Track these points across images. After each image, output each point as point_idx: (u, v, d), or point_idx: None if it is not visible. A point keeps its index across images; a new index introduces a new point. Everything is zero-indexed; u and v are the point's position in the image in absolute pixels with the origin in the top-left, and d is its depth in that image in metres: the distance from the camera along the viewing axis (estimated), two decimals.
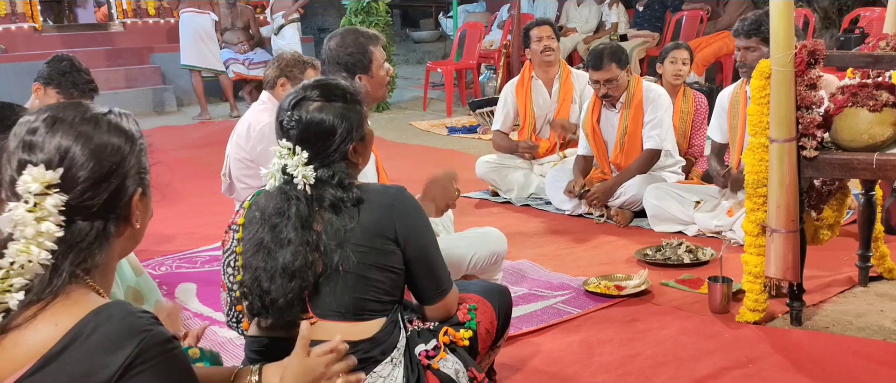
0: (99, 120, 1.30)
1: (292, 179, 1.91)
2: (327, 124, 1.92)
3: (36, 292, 1.20)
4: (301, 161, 1.90)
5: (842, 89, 2.84)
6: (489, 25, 10.66)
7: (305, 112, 1.92)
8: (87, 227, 1.25)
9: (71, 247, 1.24)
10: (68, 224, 1.23)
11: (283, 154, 1.92)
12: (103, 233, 1.27)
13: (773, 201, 2.81)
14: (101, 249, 1.27)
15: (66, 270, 1.22)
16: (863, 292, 3.29)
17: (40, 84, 3.65)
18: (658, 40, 9.04)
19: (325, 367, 1.58)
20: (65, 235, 1.23)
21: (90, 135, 1.27)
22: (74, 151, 1.25)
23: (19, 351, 1.17)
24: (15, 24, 10.15)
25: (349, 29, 3.04)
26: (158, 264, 4.11)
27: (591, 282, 3.46)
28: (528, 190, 5.12)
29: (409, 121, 8.71)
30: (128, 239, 1.35)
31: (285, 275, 1.88)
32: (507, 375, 2.68)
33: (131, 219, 1.32)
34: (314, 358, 1.58)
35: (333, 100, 1.95)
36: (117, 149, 1.29)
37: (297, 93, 1.97)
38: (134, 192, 1.31)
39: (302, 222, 1.89)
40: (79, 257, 1.24)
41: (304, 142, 1.91)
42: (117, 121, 1.32)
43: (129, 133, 1.32)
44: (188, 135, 8.46)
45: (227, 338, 3.09)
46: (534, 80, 5.29)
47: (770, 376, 2.62)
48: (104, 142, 1.28)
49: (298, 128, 1.92)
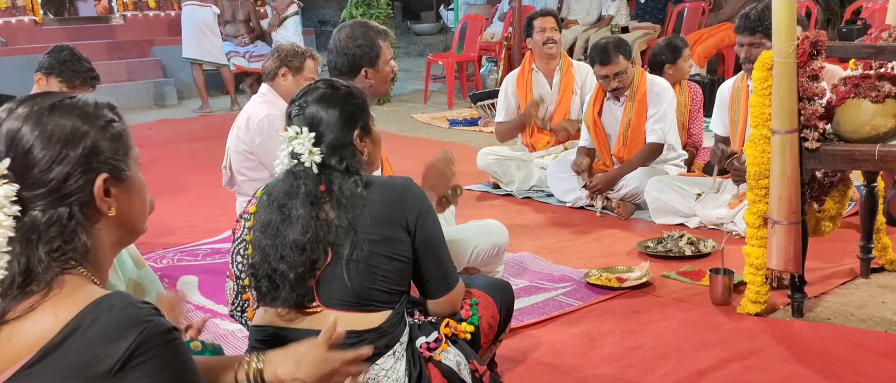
0: (55, 104, 1.27)
1: (300, 159, 1.96)
2: (330, 109, 2.00)
3: (19, 285, 1.19)
4: (308, 139, 1.96)
5: (844, 80, 2.83)
6: (490, 18, 10.63)
7: (310, 99, 2.01)
8: (49, 215, 1.22)
9: (38, 236, 1.21)
10: (24, 212, 1.21)
11: (290, 137, 1.98)
12: (69, 219, 1.24)
13: (774, 193, 2.81)
14: (74, 236, 1.24)
15: (43, 260, 1.21)
16: (864, 284, 3.29)
17: (42, 74, 3.65)
18: (659, 32, 9.01)
19: (342, 364, 1.61)
20: (26, 223, 1.21)
21: (41, 119, 1.24)
22: (24, 136, 1.23)
23: (19, 343, 1.17)
24: (15, 18, 10.14)
25: (360, 22, 3.04)
26: (160, 257, 4.12)
27: (593, 275, 3.46)
28: (530, 182, 5.11)
29: (411, 114, 8.70)
30: (114, 228, 1.32)
31: (296, 248, 1.91)
32: (508, 367, 2.68)
33: (99, 205, 1.27)
34: (335, 353, 1.60)
35: (337, 90, 2.04)
36: (73, 131, 1.25)
37: (304, 88, 2.07)
38: (97, 176, 1.26)
39: (311, 199, 1.93)
40: (51, 246, 1.22)
41: (310, 127, 1.98)
42: (75, 103, 1.28)
43: (90, 114, 1.28)
44: (189, 129, 8.45)
45: (228, 331, 3.09)
46: (534, 72, 5.28)
47: (771, 367, 2.62)
48: (56, 124, 1.24)
49: (304, 113, 2.00)
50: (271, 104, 3.65)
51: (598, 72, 4.53)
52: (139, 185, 1.37)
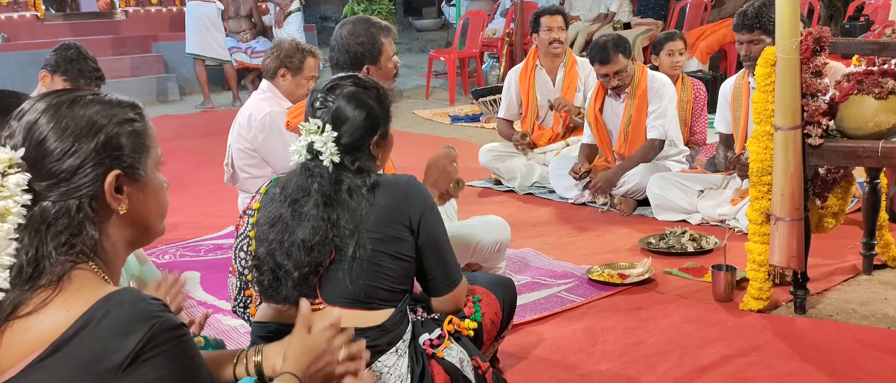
0: (77, 99, 1.28)
1: (318, 156, 1.95)
2: (358, 110, 1.99)
3: (28, 277, 1.20)
4: (330, 137, 1.95)
5: (847, 77, 2.83)
6: (492, 14, 10.62)
7: (339, 96, 2.00)
8: (58, 206, 1.23)
9: (47, 227, 1.22)
10: (35, 202, 1.22)
11: (311, 130, 1.97)
12: (78, 212, 1.24)
13: (777, 189, 2.81)
14: (81, 229, 1.24)
15: (51, 253, 1.21)
16: (867, 280, 3.29)
17: (47, 72, 3.65)
18: (662, 28, 9.00)
19: (327, 343, 1.56)
20: (36, 213, 1.22)
21: (59, 112, 1.25)
22: (40, 127, 1.24)
23: (31, 337, 1.18)
24: (17, 13, 10.14)
25: (362, 18, 3.02)
26: (162, 253, 4.12)
27: (595, 271, 3.46)
28: (532, 178, 5.11)
29: (412, 110, 8.70)
30: (127, 226, 1.32)
31: (303, 248, 1.90)
32: (510, 363, 2.68)
33: (108, 201, 1.27)
34: (315, 335, 1.56)
35: (367, 91, 2.03)
36: (88, 125, 1.26)
37: (334, 80, 2.06)
38: (108, 172, 1.26)
39: (324, 199, 1.92)
40: (59, 239, 1.23)
41: (334, 124, 1.97)
42: (97, 99, 1.29)
43: (109, 110, 1.28)
44: (191, 124, 8.46)
45: (231, 327, 3.09)
46: (538, 69, 5.27)
47: (773, 364, 2.62)
48: (72, 117, 1.25)
49: (329, 110, 1.98)
50: (273, 101, 3.65)
51: (598, 70, 4.53)
52: (156, 187, 1.37)
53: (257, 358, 1.66)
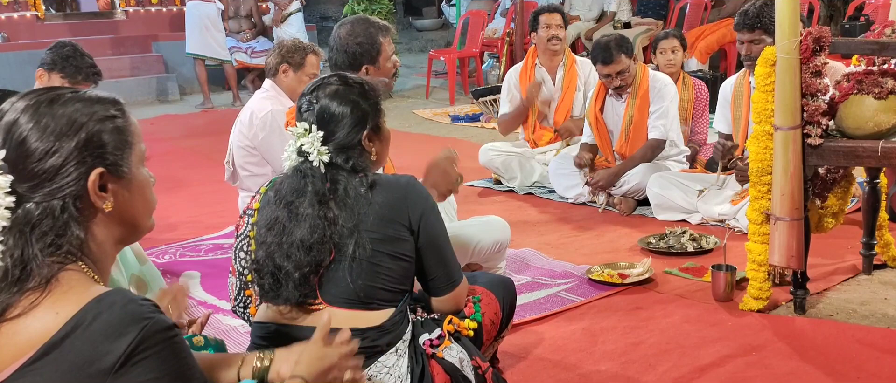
0: (56, 97, 1.26)
1: (308, 157, 1.95)
2: (341, 108, 1.99)
3: (14, 279, 1.19)
4: (317, 138, 1.95)
5: (847, 77, 2.83)
6: (492, 13, 10.61)
7: (322, 95, 2.00)
8: (42, 208, 1.22)
9: (31, 228, 1.21)
10: (19, 204, 1.21)
11: (299, 134, 1.97)
12: (62, 212, 1.23)
13: (777, 189, 2.81)
14: (66, 229, 1.23)
15: (37, 254, 1.20)
16: (867, 280, 3.29)
17: (44, 70, 3.64)
18: (662, 28, 9.00)
19: (340, 358, 1.60)
20: (20, 215, 1.21)
21: (39, 111, 1.24)
22: (20, 127, 1.23)
23: (21, 340, 1.17)
24: (17, 13, 10.14)
25: (360, 18, 3.01)
26: (162, 252, 4.12)
27: (595, 271, 3.46)
28: (532, 178, 5.11)
29: (412, 110, 8.69)
30: (114, 224, 1.31)
31: (302, 248, 1.90)
32: (510, 363, 2.68)
33: (93, 200, 1.26)
34: (332, 348, 1.60)
35: (350, 87, 2.03)
36: (68, 124, 1.24)
37: (318, 80, 2.06)
38: (91, 170, 1.25)
39: (318, 198, 1.92)
40: (44, 240, 1.21)
41: (319, 125, 1.97)
42: (77, 97, 1.28)
43: (89, 108, 1.27)
44: (191, 124, 8.46)
45: (231, 326, 3.09)
46: (538, 68, 5.27)
47: (773, 364, 2.62)
48: (53, 116, 1.24)
49: (314, 109, 1.98)
50: (275, 100, 3.65)
51: (600, 71, 4.52)
52: (141, 183, 1.35)
53: (266, 363, 1.66)
